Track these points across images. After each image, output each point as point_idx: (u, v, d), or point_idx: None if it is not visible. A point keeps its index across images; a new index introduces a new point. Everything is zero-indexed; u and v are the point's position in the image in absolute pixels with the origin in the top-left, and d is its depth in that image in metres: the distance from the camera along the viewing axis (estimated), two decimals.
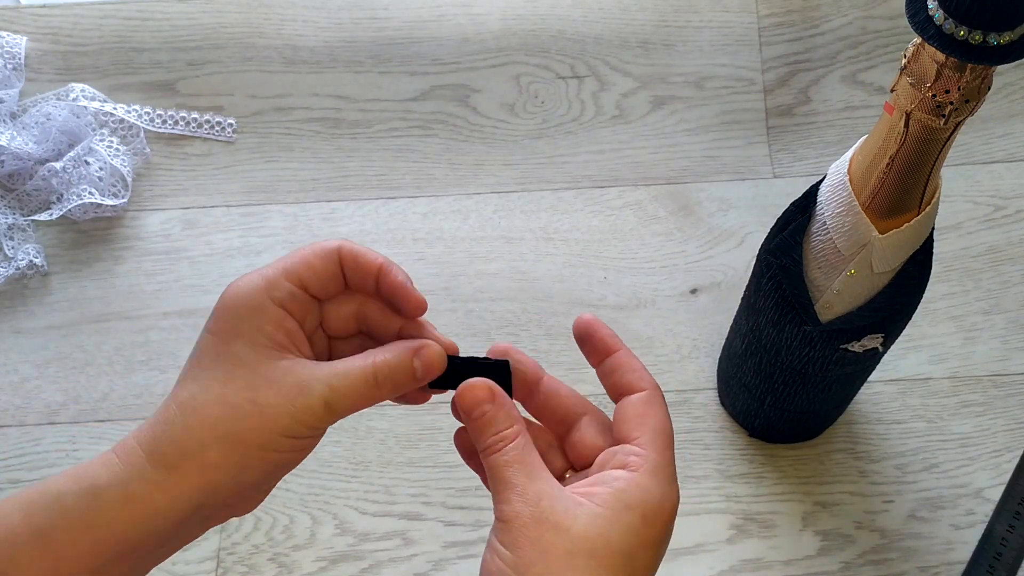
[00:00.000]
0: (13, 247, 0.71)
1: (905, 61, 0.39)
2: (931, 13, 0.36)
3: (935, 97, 0.38)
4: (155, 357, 0.69)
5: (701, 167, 0.73)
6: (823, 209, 0.47)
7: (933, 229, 0.47)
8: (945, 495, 0.64)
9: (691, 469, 0.65)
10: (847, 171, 0.45)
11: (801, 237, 0.49)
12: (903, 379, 0.67)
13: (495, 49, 0.77)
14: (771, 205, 0.71)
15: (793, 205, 0.49)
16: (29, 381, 0.69)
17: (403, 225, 0.72)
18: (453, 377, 0.41)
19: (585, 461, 0.41)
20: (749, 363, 0.59)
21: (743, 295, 0.58)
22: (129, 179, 0.73)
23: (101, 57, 0.77)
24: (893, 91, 0.40)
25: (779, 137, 0.74)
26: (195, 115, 0.75)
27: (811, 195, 0.48)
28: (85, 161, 0.71)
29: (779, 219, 0.50)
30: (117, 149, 0.73)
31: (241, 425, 0.37)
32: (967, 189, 0.72)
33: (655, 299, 0.70)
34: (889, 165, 0.42)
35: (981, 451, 0.65)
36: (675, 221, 0.72)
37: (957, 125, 0.40)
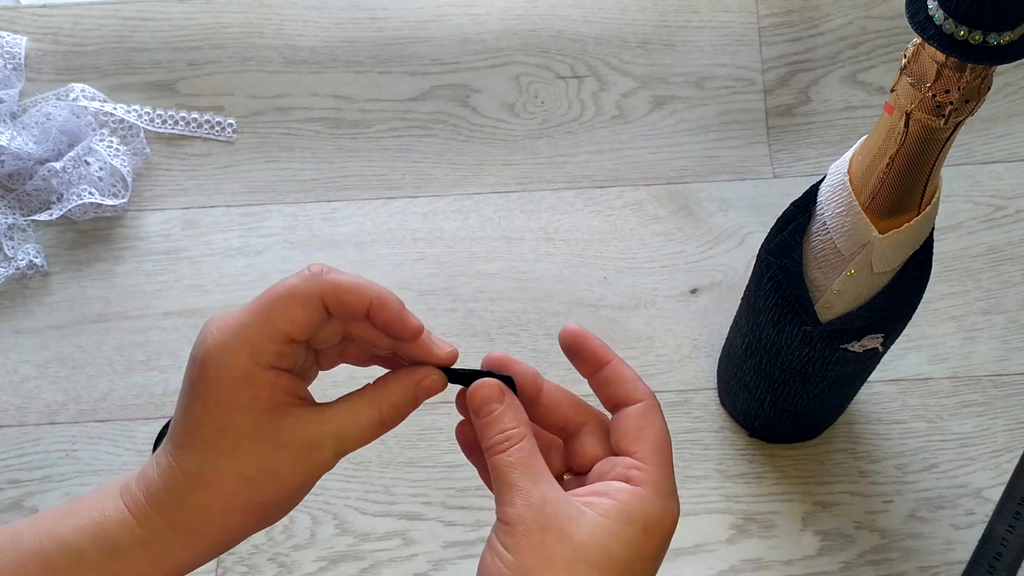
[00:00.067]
0: (13, 247, 0.71)
1: (905, 61, 0.39)
2: (931, 13, 0.36)
3: (935, 97, 0.38)
4: (155, 357, 0.69)
5: (701, 167, 0.73)
6: (823, 209, 0.47)
7: (933, 229, 0.47)
8: (945, 495, 0.64)
9: (691, 469, 0.65)
10: (847, 171, 0.45)
11: (801, 237, 0.49)
12: (903, 379, 0.67)
13: (495, 49, 0.77)
14: (771, 205, 0.71)
15: (793, 205, 0.49)
16: (29, 381, 0.69)
17: (403, 225, 0.72)
18: (460, 378, 0.41)
19: (585, 467, 0.41)
20: (749, 363, 0.59)
21: (743, 295, 0.58)
22: (129, 179, 0.73)
23: (101, 57, 0.77)
24: (893, 91, 0.40)
25: (779, 137, 0.74)
26: (195, 115, 0.75)
27: (811, 195, 0.48)
28: (85, 161, 0.71)
29: (779, 219, 0.50)
30: (117, 149, 0.73)
31: (258, 493, 0.38)
32: (967, 189, 0.72)
33: (655, 299, 0.70)
34: (889, 165, 0.42)
35: (981, 451, 0.65)
36: (675, 221, 0.72)
37: (957, 125, 0.40)
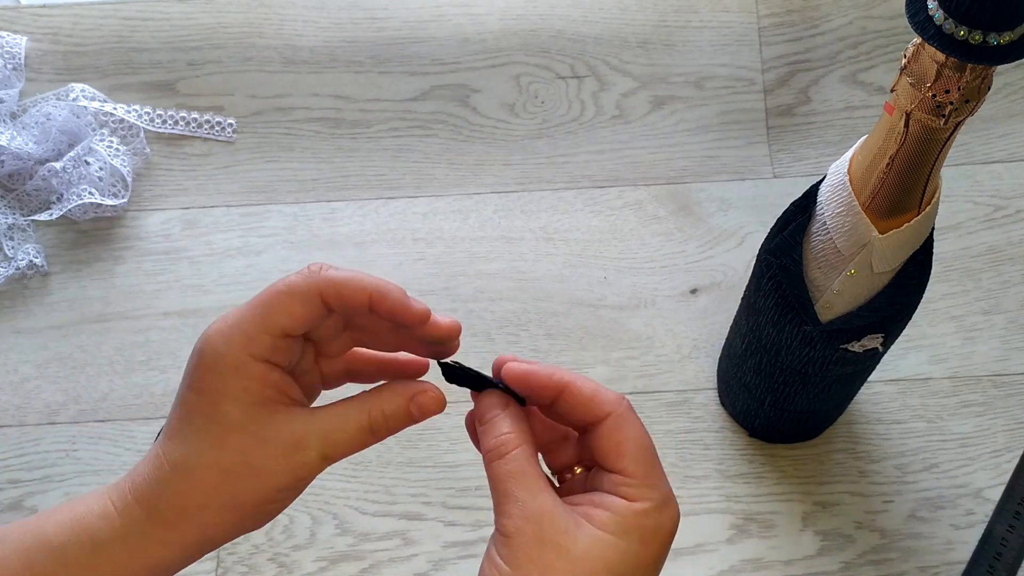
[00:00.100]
0: (13, 247, 0.71)
1: (905, 61, 0.39)
2: (931, 13, 0.36)
3: (935, 97, 0.38)
4: (155, 357, 0.69)
5: (701, 167, 0.73)
6: (823, 209, 0.47)
7: (933, 229, 0.47)
8: (945, 495, 0.64)
9: (691, 469, 0.65)
10: (847, 171, 0.45)
11: (801, 237, 0.49)
12: (903, 379, 0.67)
13: (495, 49, 0.77)
14: (771, 205, 0.71)
15: (793, 205, 0.49)
16: (29, 381, 0.69)
17: (403, 225, 0.72)
18: (470, 379, 0.41)
19: (596, 462, 0.41)
20: (749, 363, 0.59)
21: (743, 295, 0.58)
22: (129, 179, 0.73)
23: (101, 57, 0.77)
24: (893, 91, 0.40)
25: (779, 137, 0.74)
26: (195, 115, 0.75)
27: (811, 195, 0.48)
28: (85, 161, 0.71)
29: (779, 219, 0.50)
30: (117, 149, 0.73)
31: (238, 489, 0.38)
32: (967, 189, 0.72)
33: (655, 299, 0.70)
34: (889, 165, 0.42)
35: (981, 451, 0.65)
36: (675, 221, 0.72)
37: (957, 125, 0.40)
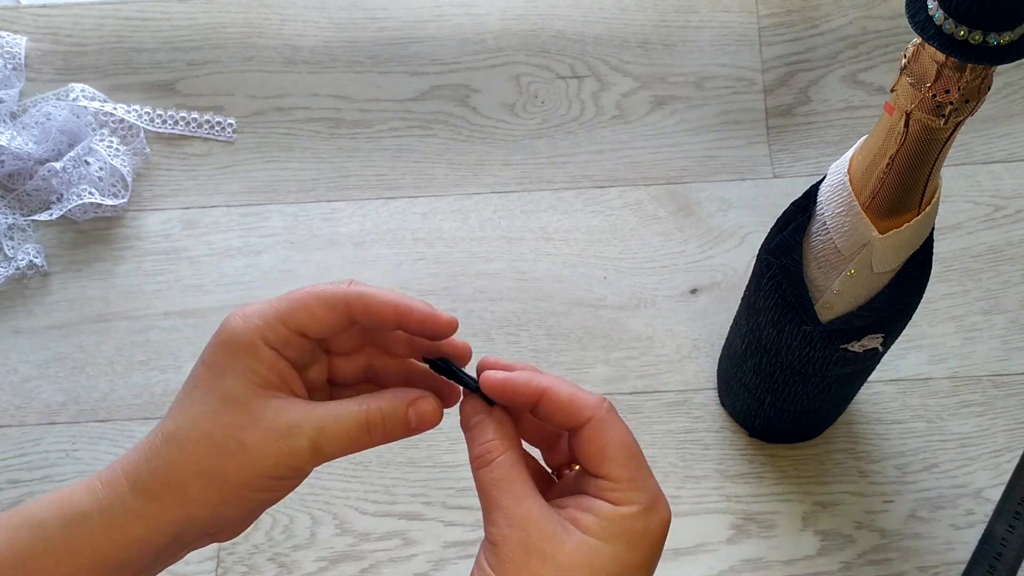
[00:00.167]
0: (13, 247, 0.71)
1: (905, 61, 0.39)
2: (931, 13, 0.36)
3: (935, 97, 0.38)
4: (155, 357, 0.69)
5: (701, 167, 0.73)
6: (823, 209, 0.47)
7: (933, 229, 0.47)
8: (945, 495, 0.64)
9: (691, 469, 0.65)
10: (847, 171, 0.45)
11: (801, 237, 0.49)
12: (903, 379, 0.67)
13: (495, 49, 0.77)
14: (771, 205, 0.71)
15: (793, 205, 0.49)
16: (29, 381, 0.69)
17: (403, 225, 0.72)
18: (456, 377, 0.41)
19: (587, 468, 0.41)
20: (749, 363, 0.59)
21: (743, 295, 0.58)
22: (129, 179, 0.73)
23: (101, 57, 0.77)
24: (893, 91, 0.40)
25: (779, 137, 0.74)
26: (195, 115, 0.75)
27: (811, 195, 0.48)
28: (85, 161, 0.71)
29: (779, 219, 0.50)
30: (117, 149, 0.73)
31: (223, 463, 0.37)
32: (967, 189, 0.72)
33: (655, 299, 0.70)
34: (889, 165, 0.42)
35: (981, 451, 0.65)
36: (675, 221, 0.72)
37: (957, 125, 0.40)
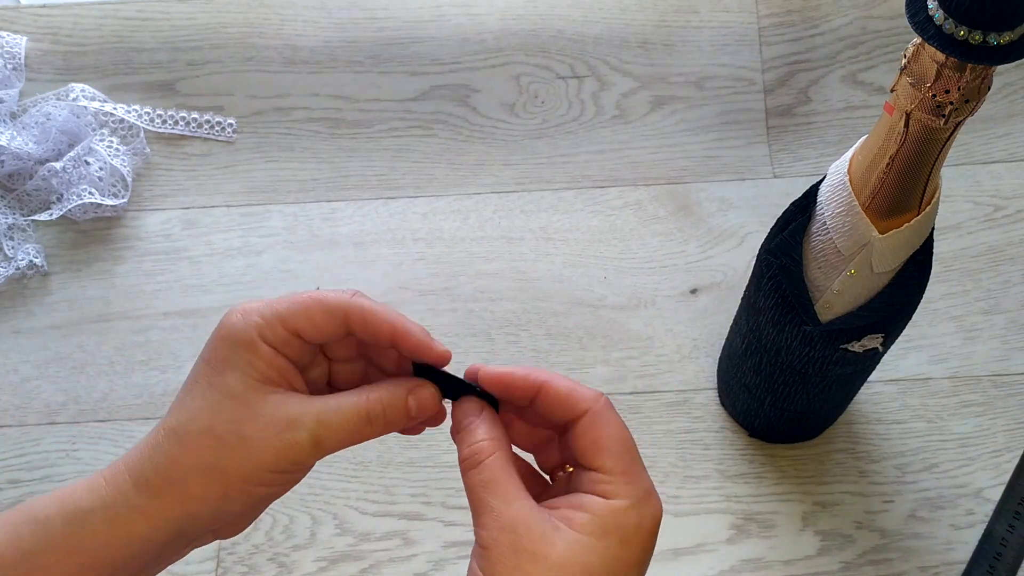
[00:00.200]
0: (13, 247, 0.71)
1: (905, 61, 0.39)
2: (931, 13, 0.36)
3: (935, 97, 0.38)
4: (155, 357, 0.69)
5: (701, 167, 0.73)
6: (823, 209, 0.47)
7: (933, 229, 0.47)
8: (945, 495, 0.64)
9: (691, 469, 0.65)
10: (847, 171, 0.45)
11: (801, 237, 0.49)
12: (903, 379, 0.67)
13: (495, 49, 0.77)
14: (771, 205, 0.71)
15: (793, 205, 0.49)
16: (29, 381, 0.69)
17: (403, 225, 0.72)
18: (446, 384, 0.41)
19: (581, 461, 0.41)
20: (749, 363, 0.59)
21: (743, 295, 0.58)
22: (129, 179, 0.73)
23: (101, 57, 0.77)
24: (893, 91, 0.40)
25: (779, 137, 0.74)
26: (195, 115, 0.75)
27: (811, 195, 0.48)
28: (85, 161, 0.71)
29: (779, 219, 0.50)
30: (117, 149, 0.73)
31: (224, 457, 0.37)
32: (967, 189, 0.72)
33: (655, 299, 0.70)
34: (889, 165, 0.42)
35: (981, 451, 0.65)
36: (675, 221, 0.72)
37: (957, 125, 0.40)
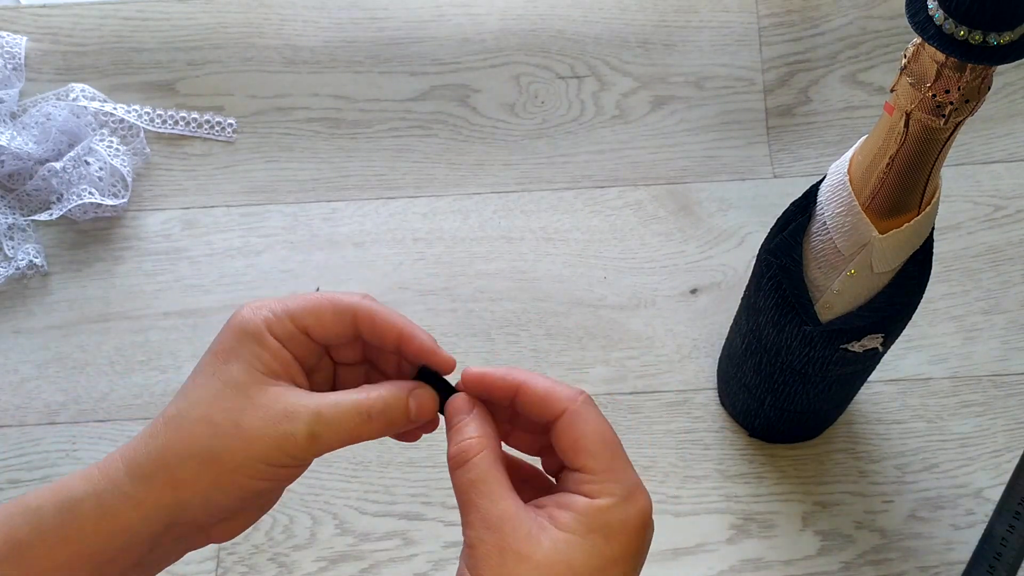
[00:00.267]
0: (13, 247, 0.71)
1: (905, 61, 0.39)
2: (931, 13, 0.36)
3: (935, 97, 0.38)
4: (155, 357, 0.69)
5: (701, 167, 0.73)
6: (823, 209, 0.47)
7: (933, 229, 0.47)
8: (945, 495, 0.64)
9: (691, 469, 0.65)
10: (847, 171, 0.45)
11: (801, 237, 0.49)
12: (903, 379, 0.67)
13: (495, 49, 0.77)
14: (771, 205, 0.71)
15: (793, 205, 0.49)
16: (29, 381, 0.69)
17: (403, 225, 0.72)
18: (442, 385, 0.41)
19: (564, 461, 0.40)
20: (749, 363, 0.59)
21: (743, 295, 0.58)
22: (129, 179, 0.73)
23: (101, 57, 0.77)
24: (893, 91, 0.40)
25: (779, 137, 0.74)
26: (195, 115, 0.75)
27: (811, 195, 0.48)
28: (85, 161, 0.71)
29: (779, 219, 0.50)
30: (117, 149, 0.73)
31: (219, 444, 0.37)
32: (967, 189, 0.72)
33: (655, 299, 0.70)
34: (889, 165, 0.42)
35: (981, 451, 0.65)
36: (675, 221, 0.72)
37: (957, 125, 0.40)
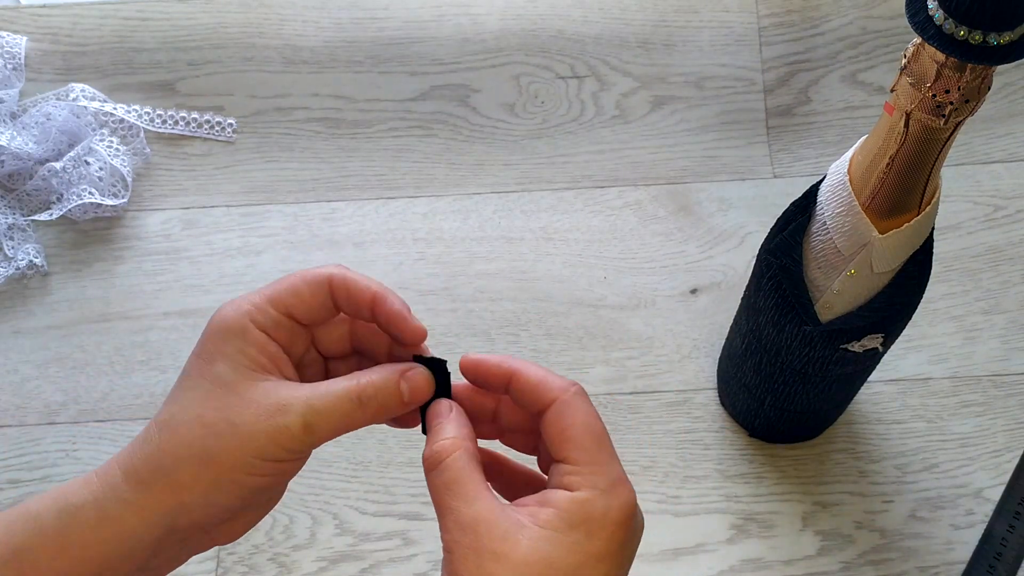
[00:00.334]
0: (13, 247, 0.71)
1: (905, 61, 0.39)
2: (931, 13, 0.36)
3: (935, 97, 0.38)
4: (155, 357, 0.69)
5: (701, 167, 0.73)
6: (823, 209, 0.47)
7: (933, 229, 0.47)
8: (945, 495, 0.64)
9: (691, 469, 0.65)
10: (847, 171, 0.45)
11: (801, 237, 0.49)
12: (903, 379, 0.67)
13: (495, 49, 0.77)
14: (771, 205, 0.71)
15: (793, 205, 0.49)
16: (29, 381, 0.69)
17: (403, 225, 0.72)
18: (446, 386, 0.41)
19: (550, 451, 0.40)
20: (749, 363, 0.59)
21: (743, 295, 0.58)
22: (129, 179, 0.73)
23: (101, 57, 0.77)
24: (893, 91, 0.40)
25: (779, 137, 0.74)
26: (195, 115, 0.75)
27: (811, 195, 0.48)
28: (85, 161, 0.71)
29: (779, 219, 0.50)
30: (117, 149, 0.73)
31: (215, 444, 0.37)
32: (967, 189, 0.72)
33: (655, 299, 0.70)
34: (889, 165, 0.42)
35: (981, 451, 0.65)
36: (675, 221, 0.72)
37: (957, 125, 0.40)
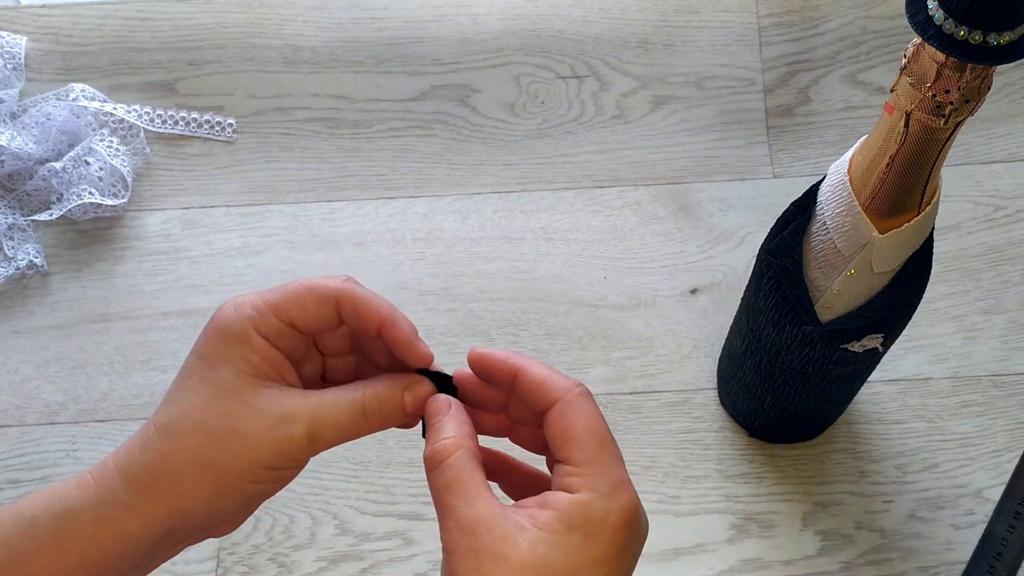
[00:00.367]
0: (13, 247, 0.71)
1: (905, 61, 0.39)
2: (931, 13, 0.36)
3: (935, 97, 0.38)
4: (155, 357, 0.69)
5: (701, 167, 0.73)
6: (823, 209, 0.47)
7: (933, 229, 0.47)
8: (945, 495, 0.64)
9: (691, 469, 0.65)
10: (847, 171, 0.45)
11: (801, 237, 0.49)
12: (903, 379, 0.67)
13: (495, 49, 0.77)
14: (771, 205, 0.71)
15: (793, 205, 0.49)
16: (29, 381, 0.69)
17: (403, 225, 0.72)
18: (447, 387, 0.41)
19: (552, 451, 0.40)
20: (749, 363, 0.59)
21: (743, 295, 0.58)
22: (129, 179, 0.73)
23: (101, 57, 0.77)
24: (893, 91, 0.40)
25: (779, 137, 0.74)
26: (195, 115, 0.75)
27: (811, 195, 0.48)
28: (85, 161, 0.71)
29: (779, 219, 0.50)
30: (117, 149, 0.73)
31: (219, 453, 0.37)
32: (967, 189, 0.72)
33: (655, 299, 0.70)
34: (889, 165, 0.42)
35: (981, 451, 0.65)
36: (675, 221, 0.72)
37: (957, 125, 0.40)
